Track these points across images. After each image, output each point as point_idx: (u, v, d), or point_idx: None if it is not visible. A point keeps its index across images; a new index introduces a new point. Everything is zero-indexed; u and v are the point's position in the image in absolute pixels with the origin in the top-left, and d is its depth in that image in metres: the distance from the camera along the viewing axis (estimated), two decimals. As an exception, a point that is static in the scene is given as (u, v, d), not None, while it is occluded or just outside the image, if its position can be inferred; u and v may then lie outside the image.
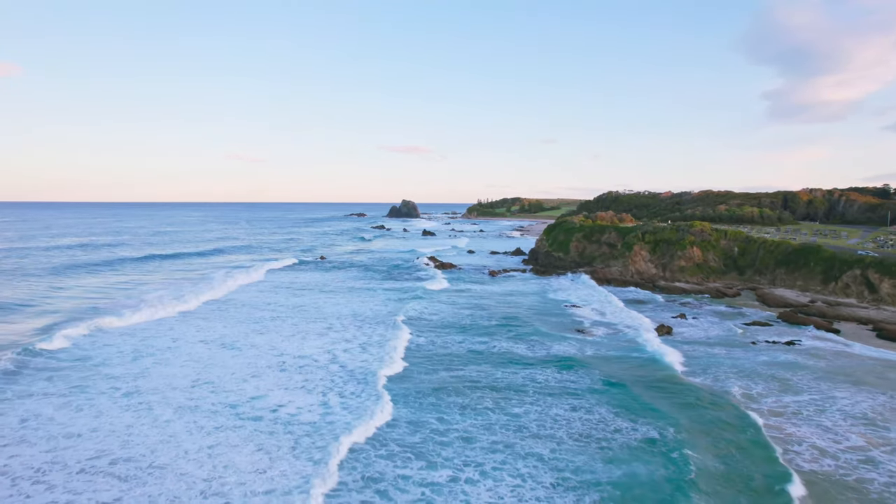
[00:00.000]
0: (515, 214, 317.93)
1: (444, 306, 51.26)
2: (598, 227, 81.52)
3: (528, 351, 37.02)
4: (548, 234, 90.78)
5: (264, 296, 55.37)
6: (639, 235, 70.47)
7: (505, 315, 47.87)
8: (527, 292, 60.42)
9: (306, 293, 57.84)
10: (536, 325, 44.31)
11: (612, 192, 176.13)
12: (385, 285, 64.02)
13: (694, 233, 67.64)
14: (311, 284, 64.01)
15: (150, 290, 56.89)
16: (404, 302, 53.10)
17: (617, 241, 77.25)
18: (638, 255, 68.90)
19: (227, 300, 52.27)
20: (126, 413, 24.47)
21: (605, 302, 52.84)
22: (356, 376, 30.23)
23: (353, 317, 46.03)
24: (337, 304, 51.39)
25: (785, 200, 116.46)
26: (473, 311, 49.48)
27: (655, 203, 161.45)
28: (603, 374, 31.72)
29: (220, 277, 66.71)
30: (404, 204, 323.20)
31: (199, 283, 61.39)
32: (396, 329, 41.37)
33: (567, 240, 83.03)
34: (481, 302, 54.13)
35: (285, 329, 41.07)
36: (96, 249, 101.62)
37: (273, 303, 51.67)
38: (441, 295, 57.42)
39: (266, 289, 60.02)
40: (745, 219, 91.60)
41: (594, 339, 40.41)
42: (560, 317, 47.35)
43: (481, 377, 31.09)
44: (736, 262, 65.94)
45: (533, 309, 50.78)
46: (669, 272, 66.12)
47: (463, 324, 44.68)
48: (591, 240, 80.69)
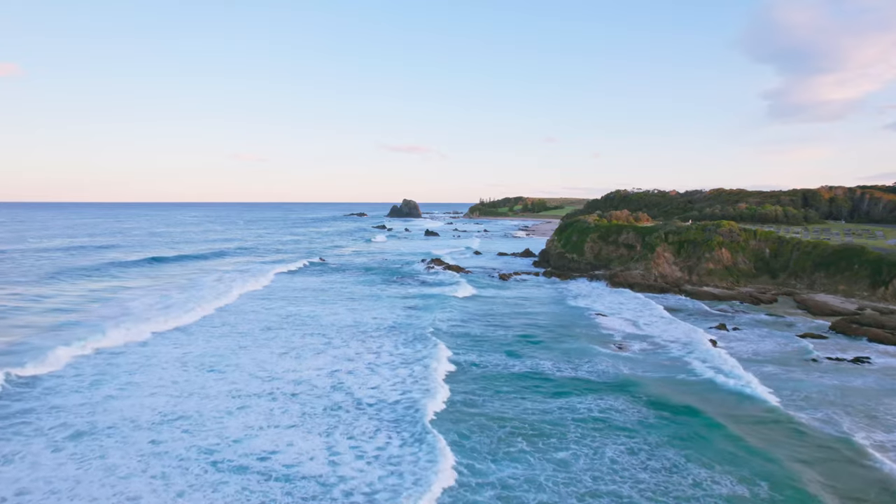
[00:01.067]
0: (518, 214, 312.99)
1: (454, 314, 46.31)
2: (615, 226, 76.57)
3: (557, 371, 32.09)
4: (559, 235, 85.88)
5: (259, 304, 50.38)
6: (661, 236, 65.53)
7: (523, 326, 42.97)
8: (543, 299, 55.48)
9: (303, 301, 52.86)
10: (561, 338, 39.38)
11: (621, 191, 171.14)
12: (389, 291, 59.06)
13: (722, 233, 62.70)
14: (308, 290, 59.04)
15: (135, 298, 51.99)
16: (411, 311, 48.16)
17: (635, 241, 72.34)
18: (661, 256, 63.96)
19: (219, 310, 47.29)
20: (69, 464, 19.46)
21: (635, 309, 47.88)
22: (367, 409, 25.28)
23: (354, 327, 41.10)
24: (336, 314, 46.40)
25: (805, 199, 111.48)
26: (486, 320, 44.54)
27: (666, 201, 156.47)
28: (652, 402, 26.77)
29: (211, 283, 61.77)
30: (405, 203, 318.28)
31: (187, 291, 56.42)
32: (406, 344, 36.47)
33: (581, 240, 78.09)
34: (494, 310, 49.19)
35: (277, 345, 36.11)
36: (86, 252, 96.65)
37: (268, 311, 46.70)
38: (449, 301, 52.47)
39: (260, 296, 55.03)
40: (769, 218, 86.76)
41: (631, 355, 35.47)
42: (586, 328, 42.40)
43: (506, 406, 26.15)
44: (768, 265, 60.98)
45: (553, 319, 45.84)
46: (696, 275, 61.16)
47: (475, 335, 39.75)
48: (608, 240, 75.78)
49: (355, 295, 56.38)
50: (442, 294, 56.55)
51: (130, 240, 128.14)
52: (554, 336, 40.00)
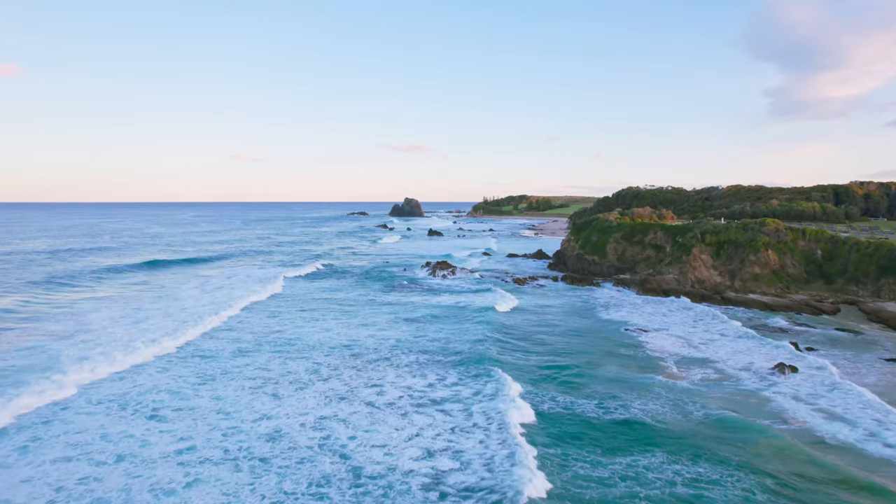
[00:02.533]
0: (523, 212, 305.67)
1: (467, 326, 39.09)
2: (641, 225, 69.24)
3: (602, 411, 24.92)
4: (576, 234, 78.54)
5: (238, 316, 43.20)
6: (697, 236, 58.19)
7: (548, 346, 35.79)
8: (567, 309, 48.25)
9: (286, 314, 45.68)
10: (598, 362, 32.15)
11: (633, 188, 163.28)
12: (389, 299, 51.85)
13: (767, 232, 55.34)
14: (295, 300, 51.84)
15: (101, 309, 45.08)
16: (414, 325, 40.97)
17: (664, 242, 65.03)
18: (698, 259, 56.65)
19: (196, 329, 40.18)
20: None
21: (682, 323, 40.61)
22: (369, 486, 18.10)
23: (347, 349, 33.93)
24: (327, 330, 39.18)
25: (836, 195, 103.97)
26: (502, 339, 37.34)
27: (682, 199, 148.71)
28: (749, 467, 19.58)
29: (190, 293, 54.75)
30: (407, 202, 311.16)
31: (159, 302, 49.40)
32: (412, 372, 29.29)
33: (603, 241, 70.77)
34: (511, 323, 41.99)
35: (250, 373, 28.93)
36: (68, 256, 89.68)
37: (244, 325, 39.51)
38: (458, 313, 45.25)
39: (240, 305, 47.86)
40: (806, 215, 79.38)
41: (692, 386, 28.23)
42: (627, 348, 35.14)
43: (544, 471, 18.99)
44: (821, 269, 53.62)
45: (585, 336, 38.60)
46: (739, 281, 53.82)
47: (490, 357, 32.58)
48: (633, 241, 68.45)
49: (350, 304, 49.19)
50: (449, 304, 49.36)
51: (119, 242, 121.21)
52: (589, 360, 32.74)
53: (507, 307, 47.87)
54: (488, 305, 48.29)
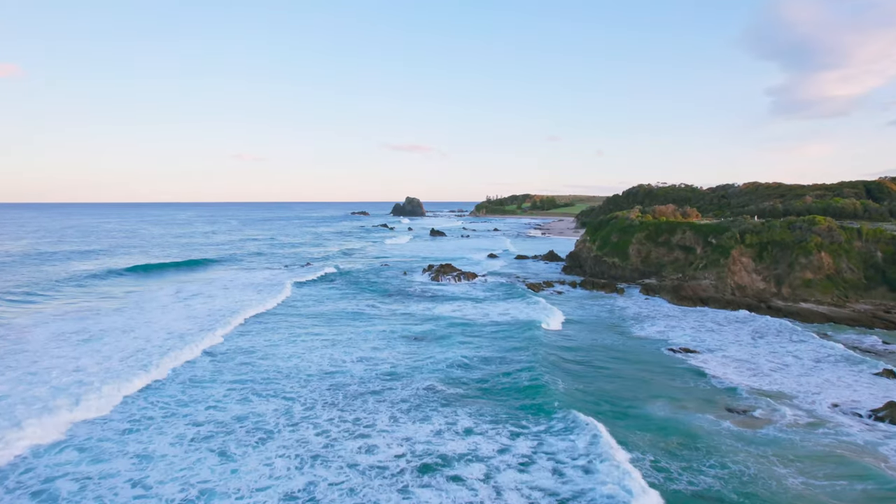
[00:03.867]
0: (527, 212, 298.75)
1: (470, 350, 32.20)
2: (667, 224, 62.30)
3: (663, 477, 18.12)
4: (593, 234, 71.66)
5: (202, 331, 36.40)
6: (735, 236, 51.24)
7: (574, 374, 28.92)
8: (593, 322, 41.37)
9: (260, 330, 38.89)
10: (642, 397, 25.28)
11: (644, 185, 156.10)
12: (385, 310, 45.01)
13: (819, 231, 48.35)
14: (275, 314, 45.07)
15: (50, 330, 38.50)
16: (413, 344, 34.12)
17: (694, 243, 58.10)
18: (737, 262, 49.70)
19: (135, 346, 33.38)
20: None
21: (739, 342, 33.56)
22: None
23: (329, 377, 27.10)
24: (307, 351, 32.35)
25: (868, 191, 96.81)
26: (521, 357, 30.48)
27: (696, 197, 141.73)
28: None
29: (164, 301, 48.13)
30: (408, 202, 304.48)
31: (123, 314, 42.74)
32: (410, 416, 22.45)
33: (624, 242, 63.86)
34: (531, 339, 35.13)
35: (195, 417, 22.15)
36: (46, 260, 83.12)
37: (215, 346, 32.69)
38: (465, 328, 38.41)
39: (203, 315, 41.06)
40: (846, 212, 72.31)
41: (776, 434, 21.33)
42: (676, 376, 28.23)
43: None
44: (884, 274, 46.60)
45: (620, 360, 31.71)
46: (788, 288, 46.84)
47: (498, 390, 25.70)
48: (658, 242, 61.53)
49: (338, 317, 42.37)
50: (454, 316, 42.55)
51: (108, 244, 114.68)
52: (631, 394, 25.84)
53: (521, 320, 40.99)
54: (496, 320, 41.44)
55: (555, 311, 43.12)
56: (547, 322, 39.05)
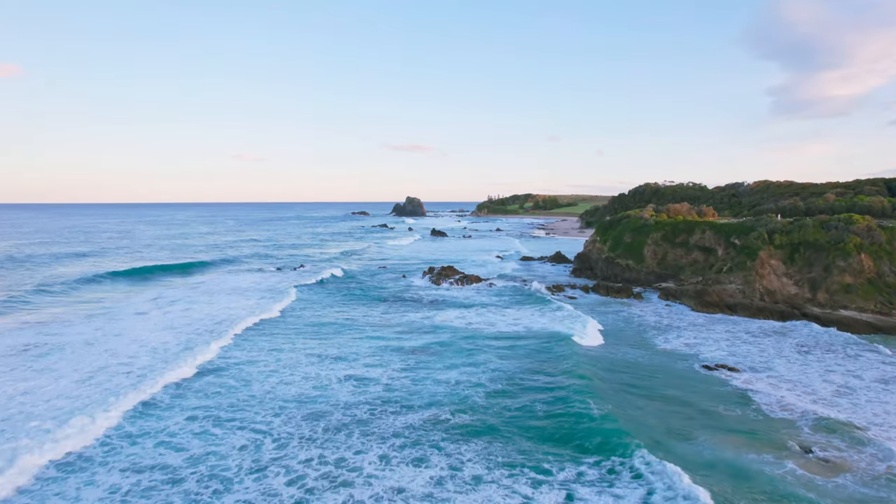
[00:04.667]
0: (529, 212, 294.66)
1: (479, 367, 28.00)
2: (685, 224, 58.07)
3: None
4: (603, 235, 67.48)
5: (173, 349, 32.22)
6: (763, 236, 47.00)
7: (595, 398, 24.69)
8: (612, 332, 37.11)
9: (234, 339, 34.74)
10: (679, 428, 21.07)
11: (651, 184, 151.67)
12: (380, 317, 40.85)
13: (858, 231, 44.10)
14: (252, 320, 40.90)
15: None
16: (410, 360, 29.94)
17: (715, 243, 53.86)
18: (766, 265, 45.45)
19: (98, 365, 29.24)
20: None
21: (785, 358, 29.27)
22: None
23: (311, 403, 22.96)
24: (287, 368, 28.16)
25: (889, 188, 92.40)
26: (527, 382, 26.29)
27: (706, 195, 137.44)
28: None
29: (142, 308, 44.11)
30: (409, 201, 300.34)
31: (91, 323, 38.64)
32: (404, 454, 18.28)
33: (639, 242, 59.65)
34: (543, 355, 30.90)
35: (147, 454, 18.05)
36: (26, 264, 79.17)
37: (181, 360, 28.53)
38: (477, 341, 34.22)
39: (179, 333, 36.90)
40: (874, 210, 67.93)
41: (858, 489, 17.12)
42: (718, 401, 24.01)
43: None
44: (930, 277, 42.31)
45: (651, 377, 27.50)
46: (825, 293, 42.56)
47: (518, 415, 21.52)
48: (675, 242, 57.30)
49: (325, 326, 38.19)
50: (457, 325, 38.37)
51: (99, 246, 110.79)
52: (665, 426, 21.63)
53: (530, 329, 36.80)
54: (503, 332, 37.25)
55: (584, 319, 38.89)
56: (578, 333, 34.72)
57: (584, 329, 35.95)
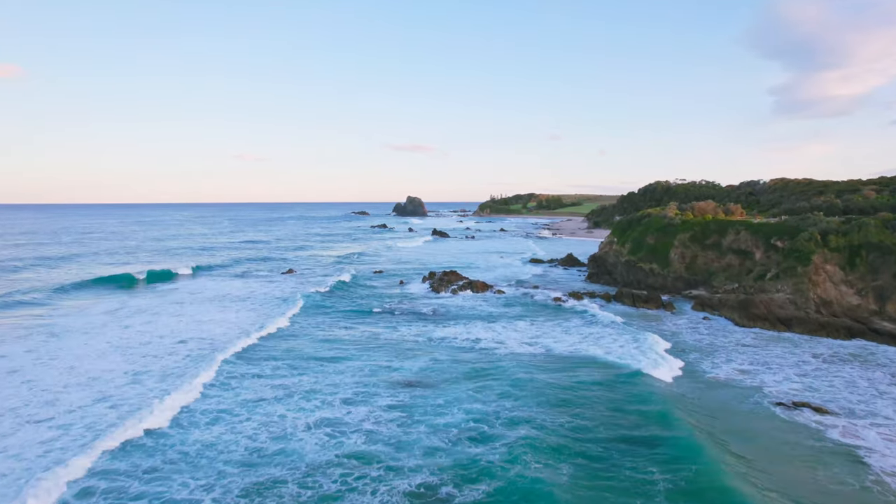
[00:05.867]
0: (532, 211, 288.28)
1: (499, 389, 21.71)
2: (716, 223, 51.69)
3: None
4: (621, 235, 61.09)
5: (104, 377, 25.90)
6: (815, 237, 40.59)
7: (648, 459, 18.35)
8: (646, 359, 30.73)
9: (183, 366, 28.45)
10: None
11: (662, 182, 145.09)
12: (367, 330, 34.53)
13: (931, 232, 37.62)
14: (213, 340, 34.61)
15: None
16: (399, 398, 23.62)
17: (752, 246, 47.45)
18: (820, 271, 39.01)
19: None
20: None
21: (883, 396, 22.85)
22: None
23: (255, 462, 16.71)
24: (223, 402, 21.89)
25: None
26: (562, 420, 19.94)
27: (720, 194, 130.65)
28: None
29: (98, 321, 38.01)
30: (410, 201, 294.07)
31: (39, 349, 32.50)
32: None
33: (664, 244, 53.27)
34: (560, 393, 24.51)
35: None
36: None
37: (109, 392, 22.26)
38: (487, 364, 27.90)
39: (123, 353, 30.52)
40: (922, 209, 61.54)
41: None
42: (816, 464, 17.64)
43: None
44: None
45: (711, 417, 21.10)
46: (895, 304, 36.12)
47: None
48: (705, 244, 50.91)
49: (304, 347, 31.84)
50: (460, 344, 32.04)
51: (87, 249, 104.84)
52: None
53: (549, 354, 30.46)
54: (517, 351, 30.92)
55: (640, 336, 32.48)
56: (631, 357, 28.31)
57: (643, 352, 29.55)
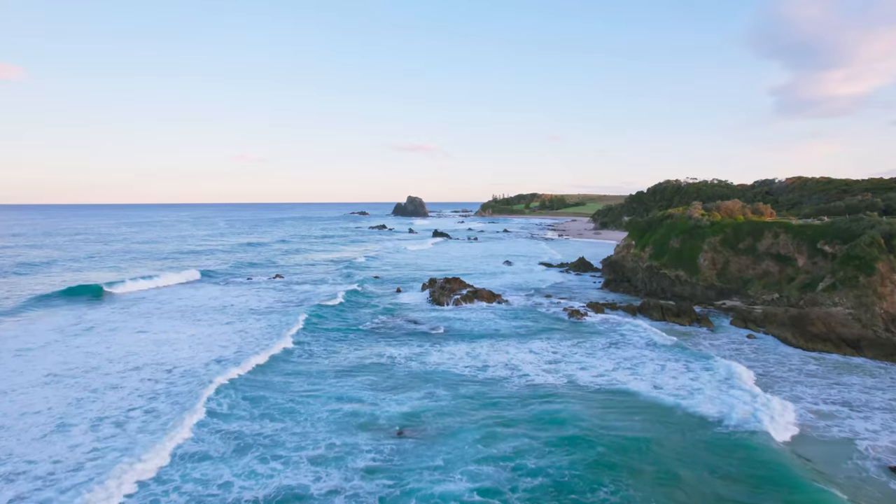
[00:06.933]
0: (535, 211, 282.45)
1: (516, 439, 16.05)
2: (751, 225, 45.96)
3: None
4: (640, 238, 55.41)
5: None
6: (878, 242, 34.80)
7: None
8: (695, 399, 24.97)
9: (154, 397, 22.76)
10: None
11: (672, 181, 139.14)
12: (349, 355, 28.80)
13: None
14: (183, 364, 28.91)
15: None
16: (387, 449, 17.89)
17: (794, 251, 41.71)
18: (887, 282, 33.23)
19: None
20: None
21: None
22: None
23: None
24: (194, 453, 16.27)
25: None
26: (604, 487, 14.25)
27: (733, 194, 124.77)
28: None
29: (47, 340, 32.50)
30: (410, 201, 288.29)
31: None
32: None
33: (692, 248, 47.54)
34: (627, 459, 18.77)
35: None
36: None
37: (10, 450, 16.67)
38: (497, 399, 22.16)
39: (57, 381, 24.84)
40: (974, 209, 55.87)
41: None
42: None
43: None
44: None
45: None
46: (981, 322, 30.31)
47: None
48: (738, 249, 45.18)
49: (269, 377, 26.09)
50: (461, 371, 26.29)
51: (72, 254, 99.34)
52: None
53: (583, 382, 24.70)
54: (542, 378, 25.17)
55: (610, 362, 26.68)
56: (602, 395, 22.51)
57: (721, 390, 23.72)
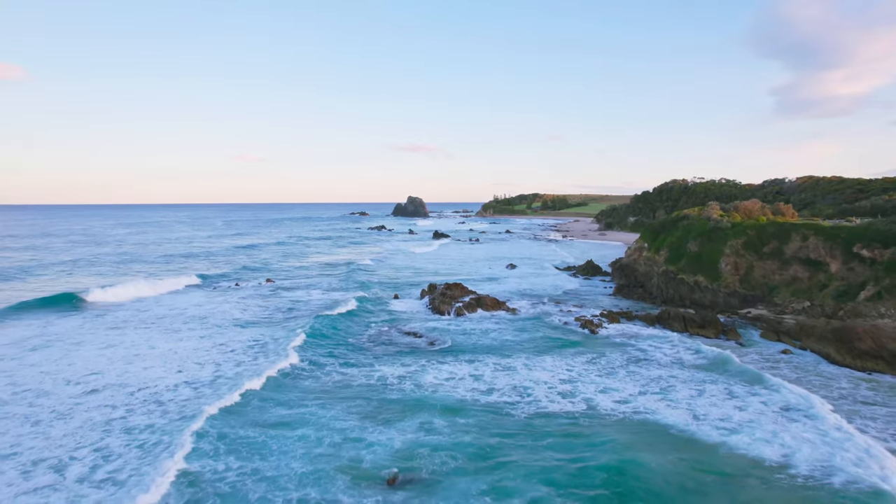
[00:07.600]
0: (537, 212, 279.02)
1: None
2: (776, 227, 42.47)
3: None
4: (653, 240, 51.93)
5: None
6: (927, 245, 31.26)
7: None
8: (740, 438, 21.41)
9: (100, 437, 19.26)
10: None
11: (679, 181, 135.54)
12: (335, 373, 25.30)
13: None
14: (134, 390, 25.44)
15: None
16: (367, 497, 14.42)
17: (826, 255, 38.22)
18: (939, 291, 29.69)
19: None
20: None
21: None
22: None
23: None
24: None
25: None
26: None
27: (742, 193, 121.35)
28: None
29: None
30: (410, 201, 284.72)
31: None
32: None
33: (711, 251, 44.04)
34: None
35: None
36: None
37: None
38: (511, 450, 18.68)
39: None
40: None
41: None
42: None
43: None
44: None
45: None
46: None
47: None
48: (763, 252, 41.69)
49: (247, 398, 22.59)
50: (462, 395, 22.78)
51: (58, 258, 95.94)
52: None
53: (593, 405, 21.20)
54: (560, 410, 21.69)
55: (638, 391, 23.15)
56: (626, 430, 18.96)
57: (795, 432, 20.11)
